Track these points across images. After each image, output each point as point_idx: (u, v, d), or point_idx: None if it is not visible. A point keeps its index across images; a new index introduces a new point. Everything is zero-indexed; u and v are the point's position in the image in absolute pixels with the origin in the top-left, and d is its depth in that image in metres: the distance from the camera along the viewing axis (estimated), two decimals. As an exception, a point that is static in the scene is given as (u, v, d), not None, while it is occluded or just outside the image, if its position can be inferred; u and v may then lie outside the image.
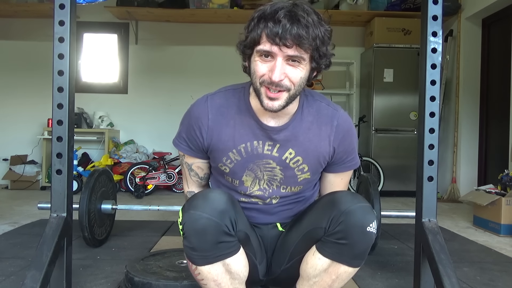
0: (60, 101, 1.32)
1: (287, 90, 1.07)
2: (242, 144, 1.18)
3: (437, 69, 1.38)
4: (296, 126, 1.19)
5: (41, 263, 1.19)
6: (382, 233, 2.27)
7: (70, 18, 1.32)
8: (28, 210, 3.33)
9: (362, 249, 1.07)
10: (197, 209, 1.02)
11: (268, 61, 1.06)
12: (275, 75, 1.04)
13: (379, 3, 4.89)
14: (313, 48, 1.05)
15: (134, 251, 2.21)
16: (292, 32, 1.00)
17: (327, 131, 1.20)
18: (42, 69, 4.79)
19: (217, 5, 4.71)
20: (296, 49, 1.03)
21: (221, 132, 1.19)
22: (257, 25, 1.05)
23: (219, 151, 1.20)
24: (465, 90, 4.48)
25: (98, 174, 2.31)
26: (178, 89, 4.96)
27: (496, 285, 1.83)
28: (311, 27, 1.02)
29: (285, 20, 1.01)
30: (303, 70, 1.08)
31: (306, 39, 1.01)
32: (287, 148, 1.19)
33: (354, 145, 1.26)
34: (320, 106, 1.23)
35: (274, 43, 1.02)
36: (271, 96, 1.07)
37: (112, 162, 4.56)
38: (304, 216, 1.24)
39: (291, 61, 1.05)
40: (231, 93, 1.22)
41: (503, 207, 2.80)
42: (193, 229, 1.02)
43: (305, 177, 1.23)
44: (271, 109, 1.09)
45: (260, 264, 1.25)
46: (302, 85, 1.11)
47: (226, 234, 1.04)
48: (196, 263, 1.08)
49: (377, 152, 4.65)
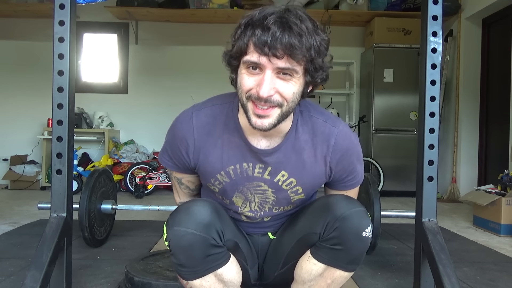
0: (60, 101, 1.32)
1: (279, 106, 0.95)
2: (231, 166, 1.10)
3: (437, 69, 1.38)
4: (289, 147, 1.08)
5: (41, 263, 1.19)
6: (382, 233, 2.27)
7: (70, 18, 1.31)
8: (28, 210, 3.33)
9: (357, 254, 1.05)
10: (181, 225, 0.97)
11: (255, 74, 0.93)
12: (263, 90, 0.91)
13: (379, 3, 4.89)
14: (307, 59, 0.92)
15: (134, 251, 2.21)
16: (283, 41, 0.88)
17: (323, 151, 1.09)
18: (42, 69, 4.79)
19: (217, 5, 4.71)
20: (287, 61, 0.90)
21: (208, 153, 1.09)
22: (244, 32, 0.93)
23: (207, 172, 1.12)
24: (465, 90, 4.48)
25: (98, 174, 2.31)
26: (178, 89, 4.96)
27: (496, 285, 1.83)
28: (304, 35, 0.90)
29: (275, 27, 0.88)
30: (296, 85, 0.95)
31: (299, 49, 0.89)
32: (279, 170, 1.10)
33: (355, 164, 1.14)
34: (317, 123, 1.10)
35: (263, 53, 0.89)
36: (259, 113, 0.95)
37: (112, 162, 4.56)
38: (297, 220, 1.19)
39: (282, 74, 0.93)
40: (219, 109, 1.10)
41: (503, 207, 2.80)
42: (180, 247, 0.98)
43: (299, 198, 1.17)
44: (260, 128, 0.97)
45: (251, 269, 1.23)
46: (296, 101, 0.98)
47: (214, 246, 1.01)
48: (186, 278, 1.05)
49: (377, 152, 4.65)
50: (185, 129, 1.10)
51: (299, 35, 0.89)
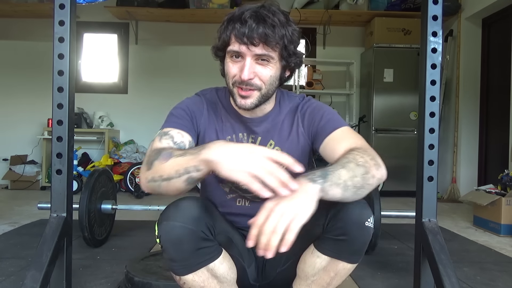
0: (60, 101, 1.32)
1: (258, 89, 1.11)
2: (228, 136, 1.23)
3: (437, 69, 1.38)
4: (275, 118, 1.23)
5: (41, 263, 1.19)
6: (382, 233, 2.27)
7: (70, 18, 1.31)
8: (28, 210, 3.33)
9: (360, 245, 1.07)
10: (169, 219, 0.99)
11: (238, 61, 1.10)
12: (244, 74, 1.07)
13: (379, 3, 4.89)
14: (280, 46, 1.08)
15: (134, 251, 2.21)
16: (258, 31, 1.04)
17: (297, 115, 1.24)
18: (42, 69, 4.79)
19: (217, 5, 4.71)
20: (263, 48, 1.06)
21: (212, 125, 1.23)
22: (226, 27, 1.10)
23: (210, 140, 1.19)
24: (465, 90, 4.48)
25: (98, 174, 2.31)
26: (178, 89, 4.95)
27: (496, 285, 1.84)
28: (277, 26, 1.06)
29: (251, 20, 1.05)
30: (273, 69, 1.11)
31: (272, 37, 1.05)
32: (268, 139, 1.23)
33: (323, 114, 1.20)
34: (294, 100, 1.27)
35: (242, 42, 1.06)
36: (242, 94, 1.11)
37: (112, 162, 4.56)
38: None
39: (261, 60, 1.09)
40: (216, 91, 1.28)
41: (503, 207, 2.80)
42: (169, 240, 0.99)
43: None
44: (244, 107, 1.13)
45: (248, 267, 1.23)
46: (274, 84, 1.14)
47: (204, 239, 1.02)
48: (178, 273, 1.06)
49: (377, 152, 4.59)
50: (198, 103, 1.24)
51: (272, 26, 1.05)
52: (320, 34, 5.18)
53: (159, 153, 1.00)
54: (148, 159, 1.02)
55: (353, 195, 0.97)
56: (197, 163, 0.91)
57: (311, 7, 4.89)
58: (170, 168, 0.95)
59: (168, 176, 0.95)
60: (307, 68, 4.89)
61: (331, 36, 5.14)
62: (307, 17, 4.91)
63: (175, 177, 0.94)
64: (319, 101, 5.22)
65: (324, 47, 5.19)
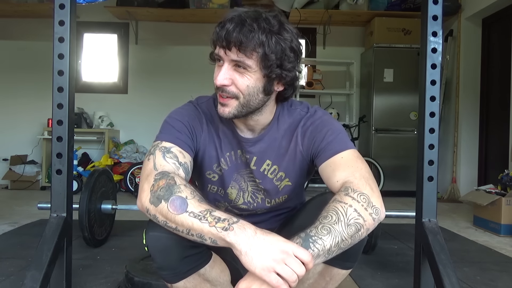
0: (60, 101, 1.32)
1: (235, 98, 1.04)
2: (227, 152, 1.17)
3: (437, 69, 1.38)
4: (271, 136, 1.16)
5: (41, 263, 1.19)
6: (382, 233, 2.27)
7: (70, 18, 1.31)
8: (28, 210, 3.33)
9: (354, 252, 1.04)
10: (155, 230, 0.97)
11: (220, 65, 1.05)
12: (218, 78, 1.03)
13: (379, 3, 4.89)
14: (259, 54, 1.00)
15: (134, 251, 2.21)
16: (233, 35, 0.98)
17: (296, 133, 1.15)
18: (42, 69, 4.79)
19: (217, 5, 4.70)
20: (238, 54, 0.99)
21: (211, 143, 1.17)
22: (215, 30, 1.05)
23: (211, 158, 1.17)
24: (465, 90, 4.48)
25: (98, 174, 2.31)
26: (178, 89, 4.96)
27: (496, 285, 1.84)
28: (256, 32, 0.98)
29: (229, 23, 0.99)
30: (251, 79, 1.03)
31: (245, 43, 0.97)
32: (264, 159, 1.17)
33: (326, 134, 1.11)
34: (295, 112, 1.18)
35: (220, 46, 1.01)
36: (221, 101, 1.06)
37: (112, 162, 4.56)
38: (294, 219, 1.21)
39: (237, 66, 1.02)
40: (212, 102, 1.20)
41: (503, 207, 2.80)
42: (157, 250, 0.99)
43: (286, 184, 1.19)
44: (222, 115, 1.07)
45: (243, 270, 1.23)
46: (256, 96, 1.05)
47: (191, 247, 1.00)
48: (169, 281, 1.06)
49: (377, 152, 4.65)
50: (198, 117, 1.17)
51: (249, 31, 0.98)
52: (320, 34, 5.18)
53: (169, 190, 0.92)
54: (155, 190, 0.94)
55: (338, 253, 0.92)
56: (217, 239, 0.88)
57: (311, 7, 4.88)
58: (181, 224, 0.90)
59: (176, 228, 0.91)
60: (307, 68, 4.89)
61: (331, 36, 5.14)
62: (307, 17, 4.91)
63: (183, 232, 0.91)
64: (319, 101, 5.24)
65: (324, 47, 5.19)
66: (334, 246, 0.89)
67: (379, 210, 0.96)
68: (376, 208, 0.95)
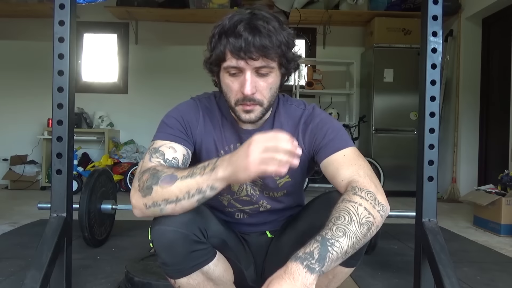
0: (60, 101, 1.32)
1: (260, 104, 1.07)
2: (227, 145, 1.19)
3: (437, 69, 1.38)
4: (269, 129, 1.17)
5: (41, 263, 1.19)
6: (382, 233, 2.26)
7: (70, 18, 1.32)
8: (28, 210, 3.33)
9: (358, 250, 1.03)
10: (161, 224, 0.98)
11: (237, 76, 1.04)
12: (246, 89, 1.02)
13: (379, 3, 4.89)
14: (279, 55, 1.03)
15: (134, 251, 2.21)
16: (256, 44, 0.98)
17: (297, 130, 1.17)
18: (42, 69, 4.78)
19: (217, 5, 4.71)
20: (263, 60, 1.01)
21: (208, 135, 1.18)
22: (219, 41, 1.04)
23: (209, 151, 1.18)
24: (465, 90, 4.48)
25: (98, 174, 2.31)
26: (178, 89, 4.96)
27: (496, 285, 1.84)
28: (273, 35, 1.00)
29: (246, 33, 0.99)
30: (274, 78, 1.07)
31: (271, 48, 1.00)
32: None
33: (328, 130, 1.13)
34: (291, 108, 1.21)
35: (240, 57, 1.00)
36: (247, 109, 1.07)
37: (112, 162, 4.56)
38: (298, 217, 1.21)
39: (259, 71, 1.03)
40: (215, 97, 1.23)
41: (503, 207, 2.80)
42: (161, 245, 0.99)
43: (286, 181, 1.20)
44: (249, 121, 1.09)
45: (246, 270, 1.22)
46: (274, 94, 1.10)
47: (196, 242, 1.01)
48: (172, 277, 1.05)
49: (377, 152, 4.65)
50: (194, 110, 1.19)
51: (268, 36, 1.00)
52: (320, 34, 5.18)
53: (155, 177, 0.96)
54: (142, 185, 0.97)
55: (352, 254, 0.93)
56: (213, 182, 0.92)
57: (311, 7, 4.88)
58: (178, 191, 0.93)
59: (177, 198, 0.94)
60: (307, 68, 4.89)
61: (331, 36, 5.14)
62: (307, 17, 4.91)
63: (184, 198, 0.94)
64: (319, 101, 5.25)
65: (324, 47, 5.19)
66: (350, 247, 0.89)
67: (385, 207, 0.98)
68: (383, 205, 0.97)
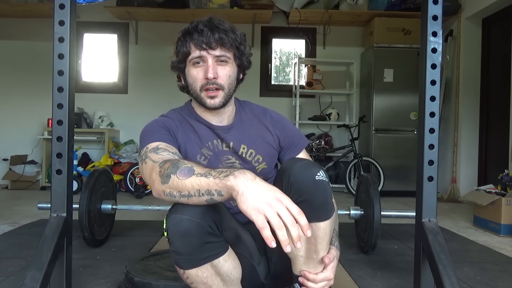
0: (60, 101, 1.32)
1: (222, 89, 1.25)
2: (206, 143, 1.32)
3: (437, 69, 1.38)
4: (239, 125, 1.35)
5: (41, 263, 1.19)
6: (382, 233, 2.26)
7: (70, 18, 1.31)
8: (28, 210, 3.33)
9: (321, 200, 1.10)
10: (178, 212, 1.01)
11: (200, 66, 1.24)
12: (209, 73, 1.21)
13: (379, 3, 4.89)
14: (234, 46, 1.26)
15: (134, 251, 2.21)
16: (215, 37, 1.21)
17: (266, 123, 1.38)
18: (42, 69, 4.79)
19: (217, 5, 4.71)
20: (221, 49, 1.23)
21: (189, 137, 1.31)
22: (184, 40, 1.25)
23: (192, 150, 1.29)
24: (465, 90, 4.48)
25: (98, 174, 2.31)
26: (177, 89, 4.95)
27: (496, 285, 1.84)
28: (228, 31, 1.24)
29: (206, 29, 1.22)
30: (231, 68, 1.27)
31: (226, 40, 1.22)
32: (239, 144, 1.33)
33: (293, 129, 1.44)
34: (252, 107, 1.42)
35: (202, 48, 1.21)
36: (211, 95, 1.24)
37: (112, 162, 4.56)
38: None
39: (220, 61, 1.24)
40: (179, 110, 1.39)
41: (503, 207, 2.80)
42: (176, 232, 1.01)
43: (263, 167, 1.36)
44: (213, 106, 1.25)
45: (258, 265, 1.24)
46: (233, 84, 1.29)
47: (210, 234, 1.03)
48: (182, 267, 1.06)
49: (377, 152, 4.65)
50: (170, 120, 1.32)
51: (224, 31, 1.23)
52: (320, 34, 5.18)
53: (175, 166, 1.01)
54: (164, 171, 1.02)
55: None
56: (221, 188, 0.95)
57: (311, 7, 4.88)
58: (191, 187, 0.97)
59: (189, 193, 0.98)
60: (307, 68, 4.89)
61: (331, 36, 5.14)
62: (307, 17, 4.91)
63: (195, 195, 0.98)
64: (319, 101, 5.26)
65: (324, 47, 5.19)
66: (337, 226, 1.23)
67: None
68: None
